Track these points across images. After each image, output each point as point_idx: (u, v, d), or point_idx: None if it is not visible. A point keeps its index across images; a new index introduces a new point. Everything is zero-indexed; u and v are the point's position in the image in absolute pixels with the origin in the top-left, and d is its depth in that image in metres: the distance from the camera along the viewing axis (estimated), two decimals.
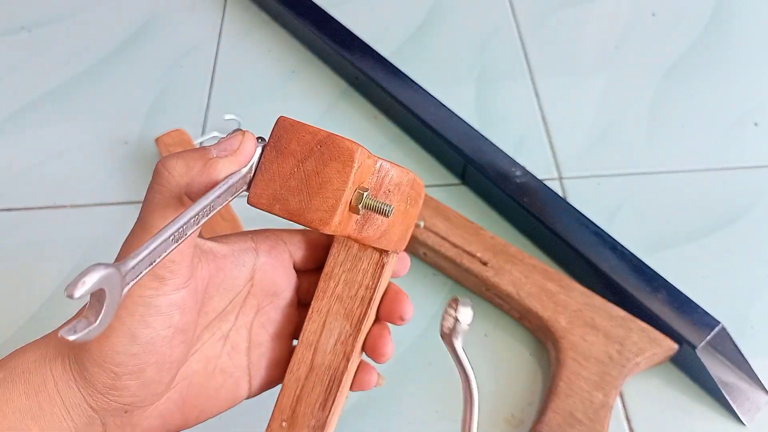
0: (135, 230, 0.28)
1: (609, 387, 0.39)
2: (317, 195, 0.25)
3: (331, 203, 0.25)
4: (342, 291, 0.31)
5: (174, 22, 0.66)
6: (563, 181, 0.53)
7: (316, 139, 0.26)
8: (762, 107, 0.58)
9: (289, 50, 0.63)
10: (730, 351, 0.42)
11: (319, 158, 0.26)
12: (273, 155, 0.26)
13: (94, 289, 0.20)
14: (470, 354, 0.43)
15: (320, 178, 0.26)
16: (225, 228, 0.46)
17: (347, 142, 0.26)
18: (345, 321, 0.30)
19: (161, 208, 0.27)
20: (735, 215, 0.50)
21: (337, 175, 0.25)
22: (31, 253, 0.48)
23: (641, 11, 0.67)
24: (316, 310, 0.31)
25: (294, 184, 0.26)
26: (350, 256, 0.31)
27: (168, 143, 0.51)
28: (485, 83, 0.60)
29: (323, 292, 0.31)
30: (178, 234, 0.24)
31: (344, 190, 0.25)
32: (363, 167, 0.26)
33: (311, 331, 0.31)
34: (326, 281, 0.31)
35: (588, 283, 0.45)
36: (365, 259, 0.31)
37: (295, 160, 0.26)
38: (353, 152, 0.26)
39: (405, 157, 0.54)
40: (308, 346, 0.30)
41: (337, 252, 0.31)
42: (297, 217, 0.26)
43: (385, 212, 0.26)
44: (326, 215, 0.25)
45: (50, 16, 0.66)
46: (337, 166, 0.25)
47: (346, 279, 0.31)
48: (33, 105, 0.58)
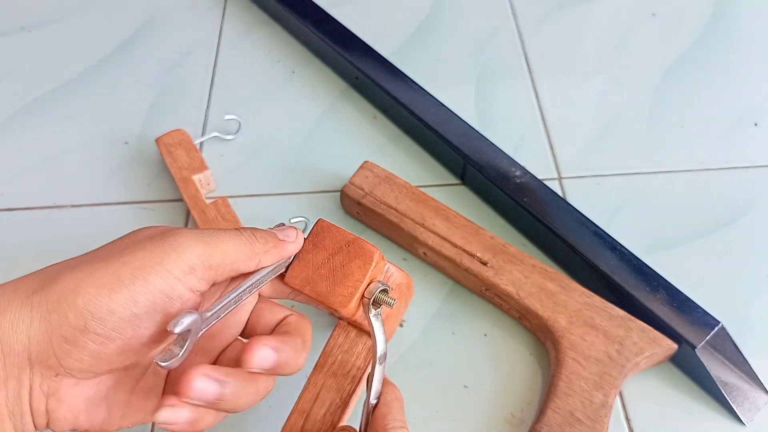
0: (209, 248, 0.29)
1: (609, 387, 0.39)
2: (341, 283, 0.32)
3: (350, 291, 0.32)
4: (337, 369, 0.36)
5: (174, 22, 0.66)
6: (563, 181, 0.53)
7: (346, 239, 0.33)
8: (762, 107, 0.58)
9: (289, 50, 0.63)
10: (729, 351, 0.42)
11: (346, 255, 0.33)
12: (310, 247, 0.33)
13: (187, 329, 0.26)
14: (470, 354, 0.43)
15: (345, 270, 0.32)
16: (225, 227, 0.46)
17: (369, 245, 0.33)
18: (336, 395, 0.35)
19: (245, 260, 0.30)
20: (735, 215, 0.51)
21: (358, 270, 0.32)
22: (31, 253, 0.48)
23: (641, 11, 0.67)
24: (312, 382, 0.36)
25: (323, 272, 0.32)
26: (348, 340, 0.37)
27: (168, 143, 0.51)
28: (485, 83, 0.60)
29: (321, 367, 0.36)
30: (238, 298, 0.30)
31: (362, 282, 0.32)
32: (378, 266, 0.33)
33: (306, 400, 0.35)
34: (324, 358, 0.36)
35: (588, 282, 0.45)
36: (360, 344, 0.37)
37: (327, 254, 0.33)
38: (373, 253, 0.33)
39: (405, 157, 0.54)
40: (301, 413, 0.35)
41: (338, 335, 0.37)
42: (322, 298, 0.32)
43: (390, 304, 0.32)
44: (346, 300, 0.32)
45: (50, 16, 0.66)
46: (359, 262, 0.32)
47: (342, 359, 0.37)
48: (33, 105, 0.58)
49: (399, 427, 0.31)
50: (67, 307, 0.26)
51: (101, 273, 0.26)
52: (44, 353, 0.26)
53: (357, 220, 0.50)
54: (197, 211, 0.47)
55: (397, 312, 0.37)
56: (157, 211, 0.51)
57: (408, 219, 0.46)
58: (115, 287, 0.26)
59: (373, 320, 0.32)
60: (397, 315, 0.38)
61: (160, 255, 0.27)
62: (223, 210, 0.48)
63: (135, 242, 0.28)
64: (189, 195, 0.48)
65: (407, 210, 0.47)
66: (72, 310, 0.26)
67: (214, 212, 0.47)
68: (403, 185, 0.48)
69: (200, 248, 0.28)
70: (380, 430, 0.31)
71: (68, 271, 0.27)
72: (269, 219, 0.50)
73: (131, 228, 0.50)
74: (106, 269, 0.27)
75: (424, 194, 0.48)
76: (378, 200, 0.47)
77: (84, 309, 0.26)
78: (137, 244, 0.28)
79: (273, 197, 0.52)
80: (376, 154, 0.54)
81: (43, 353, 0.26)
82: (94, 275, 0.26)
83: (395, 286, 0.36)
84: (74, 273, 0.27)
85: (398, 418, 0.32)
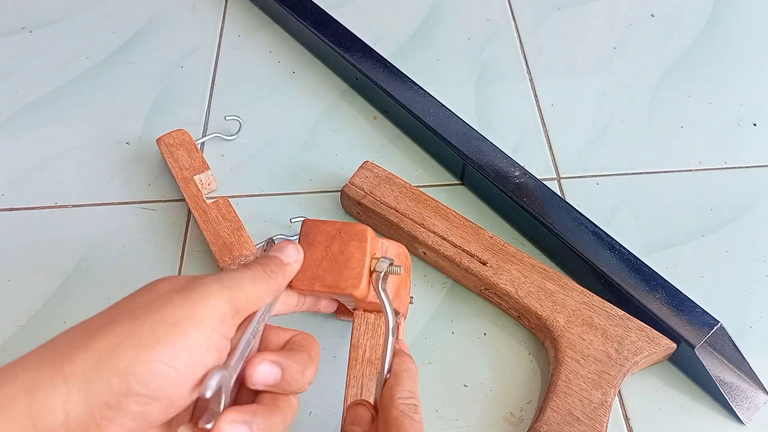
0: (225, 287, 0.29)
1: (607, 386, 0.39)
2: (345, 268, 0.33)
3: (357, 271, 0.33)
4: (370, 355, 0.37)
5: (175, 22, 0.66)
6: (562, 181, 0.53)
7: (335, 228, 0.34)
8: (761, 107, 0.58)
9: (290, 51, 0.63)
10: (728, 350, 0.42)
11: (341, 241, 0.34)
12: (305, 247, 0.34)
13: (217, 387, 0.26)
14: (470, 353, 0.43)
15: (345, 255, 0.33)
16: (226, 227, 0.46)
17: (359, 225, 0.34)
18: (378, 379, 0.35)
19: (264, 297, 0.31)
20: (734, 215, 0.51)
21: (357, 250, 0.33)
22: (31, 253, 0.48)
23: (640, 12, 0.67)
24: (353, 377, 0.36)
25: (326, 265, 0.33)
26: (369, 325, 0.38)
27: (169, 143, 0.52)
28: (484, 84, 0.60)
29: (354, 360, 0.37)
30: (255, 331, 0.30)
31: (365, 260, 0.33)
32: (373, 242, 0.34)
33: (353, 395, 0.35)
34: (355, 350, 0.37)
35: (586, 282, 0.45)
36: (382, 324, 0.38)
37: (323, 247, 0.34)
38: (366, 231, 0.34)
39: (405, 158, 0.55)
40: None
41: (359, 324, 0.38)
42: (333, 288, 0.33)
43: (397, 273, 0.33)
44: (356, 281, 0.33)
45: (51, 16, 0.66)
46: (355, 243, 0.33)
47: (372, 344, 0.37)
48: (34, 105, 0.58)
49: (407, 397, 0.31)
50: (109, 373, 0.24)
51: (138, 333, 0.25)
52: (84, 425, 0.24)
53: (357, 220, 0.50)
54: (198, 211, 0.48)
55: (405, 281, 0.38)
56: (157, 211, 0.51)
57: (408, 219, 0.46)
58: (155, 346, 0.25)
59: (382, 294, 0.33)
60: (405, 285, 0.39)
61: (192, 308, 0.27)
62: (224, 210, 0.48)
63: (160, 296, 0.27)
64: (190, 195, 0.49)
65: (407, 210, 0.47)
66: (114, 374, 0.24)
67: (215, 212, 0.47)
68: (403, 185, 0.48)
69: (227, 295, 0.28)
70: (388, 402, 0.31)
71: (99, 334, 0.25)
72: (269, 219, 0.50)
73: (131, 228, 0.50)
74: (141, 328, 0.25)
75: (423, 194, 0.48)
76: (378, 200, 0.48)
77: (126, 372, 0.24)
78: (163, 298, 0.27)
79: (273, 197, 0.52)
80: (376, 154, 0.55)
81: (83, 425, 0.24)
82: (132, 335, 0.25)
83: (395, 257, 0.37)
84: (107, 335, 0.25)
85: (407, 388, 0.31)
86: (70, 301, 0.46)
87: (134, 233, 0.49)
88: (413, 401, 0.31)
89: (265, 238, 0.47)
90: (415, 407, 0.31)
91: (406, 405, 0.31)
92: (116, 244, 0.49)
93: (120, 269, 0.47)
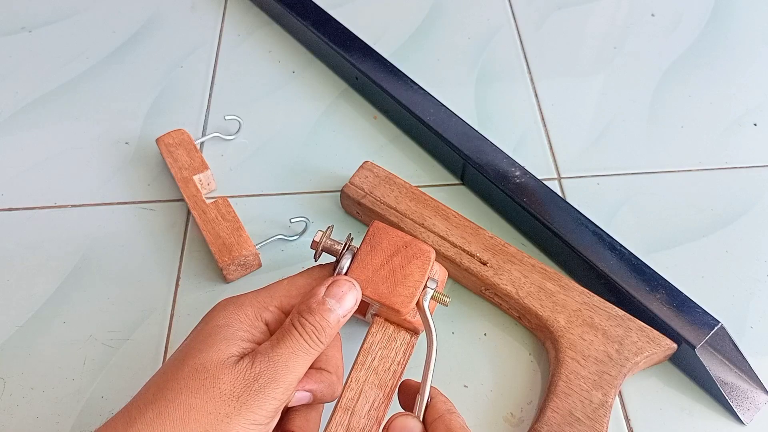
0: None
1: (608, 386, 0.39)
2: (402, 284, 0.33)
3: (411, 291, 0.33)
4: (378, 364, 0.36)
5: (174, 22, 0.66)
6: (562, 181, 0.53)
7: (403, 241, 0.34)
8: (761, 107, 0.58)
9: (289, 51, 0.63)
10: (729, 350, 0.42)
11: (405, 256, 0.34)
12: (368, 249, 0.34)
13: None
14: (470, 353, 0.43)
15: (404, 271, 0.33)
16: (226, 227, 0.46)
17: (426, 245, 0.34)
18: (379, 390, 0.35)
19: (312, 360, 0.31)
20: (734, 215, 0.51)
21: (417, 270, 0.33)
22: (31, 253, 0.48)
23: (640, 11, 0.67)
24: (354, 380, 0.36)
25: (384, 274, 0.33)
26: (386, 336, 0.37)
27: (169, 143, 0.52)
28: (485, 83, 0.60)
29: (361, 365, 0.36)
30: None
31: (422, 281, 0.33)
32: (432, 266, 0.34)
33: (349, 398, 0.35)
34: (364, 356, 0.37)
35: (587, 282, 0.45)
36: (399, 339, 0.37)
37: (386, 255, 0.34)
38: (431, 253, 0.34)
39: (405, 157, 0.54)
40: (346, 410, 0.35)
41: (375, 331, 0.37)
42: (383, 299, 0.33)
43: (446, 303, 0.34)
44: (407, 300, 0.33)
45: (50, 16, 0.66)
46: (418, 263, 0.33)
47: (382, 355, 0.37)
48: (33, 105, 0.58)
49: (458, 411, 0.32)
50: None
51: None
52: None
53: (357, 220, 0.50)
54: (198, 211, 0.48)
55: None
56: (157, 211, 0.51)
57: (408, 219, 0.46)
58: None
59: (429, 318, 0.33)
60: (434, 308, 0.39)
61: (252, 415, 0.28)
62: (224, 210, 0.48)
63: (221, 398, 0.28)
64: (189, 195, 0.49)
65: (407, 210, 0.47)
66: None
67: (214, 212, 0.47)
68: (403, 185, 0.48)
69: (281, 392, 0.29)
70: (446, 413, 0.31)
71: None
72: (269, 219, 0.50)
73: (130, 228, 0.50)
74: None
75: (424, 194, 0.48)
76: (378, 200, 0.47)
77: None
78: (226, 402, 0.28)
79: (273, 197, 0.52)
80: (376, 154, 0.54)
81: None
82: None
83: (439, 282, 0.37)
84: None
85: (451, 405, 0.32)
86: (70, 301, 0.46)
87: (134, 233, 0.49)
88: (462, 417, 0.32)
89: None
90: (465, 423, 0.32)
91: (462, 419, 0.31)
92: (116, 244, 0.49)
93: (120, 269, 0.47)
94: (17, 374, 0.42)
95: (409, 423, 0.31)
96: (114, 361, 0.43)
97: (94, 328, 0.44)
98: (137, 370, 0.42)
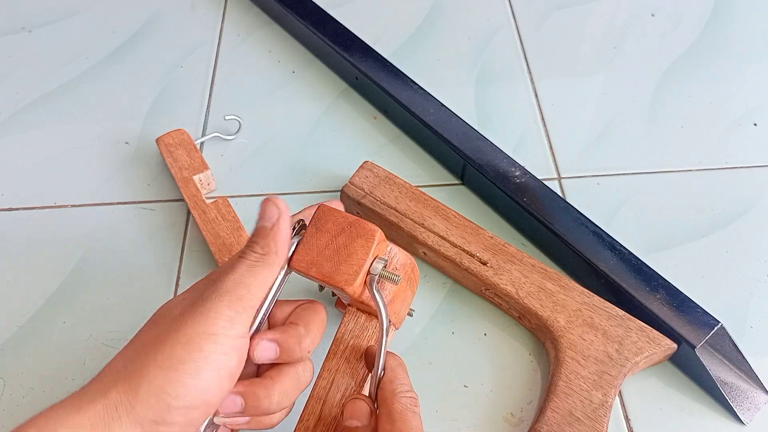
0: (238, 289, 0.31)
1: (608, 386, 0.39)
2: (345, 262, 0.33)
3: (355, 269, 0.33)
4: (350, 354, 0.37)
5: (174, 22, 0.66)
6: (562, 181, 0.53)
7: (348, 221, 0.34)
8: (761, 107, 0.58)
9: (290, 51, 0.63)
10: (729, 350, 0.42)
11: (349, 235, 0.34)
12: (313, 231, 0.34)
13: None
14: (470, 353, 0.43)
15: (348, 250, 0.33)
16: (225, 227, 0.46)
17: (370, 224, 0.34)
18: (350, 379, 0.36)
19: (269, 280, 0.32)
20: (734, 215, 0.51)
21: (361, 249, 0.33)
22: (31, 253, 0.48)
23: (640, 11, 0.67)
24: (327, 369, 0.36)
25: (328, 254, 0.33)
26: (358, 325, 0.38)
27: (169, 143, 0.52)
28: (485, 83, 0.60)
29: (334, 354, 0.37)
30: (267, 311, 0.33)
31: (366, 260, 0.33)
32: (380, 245, 0.34)
33: (321, 387, 0.36)
34: (337, 345, 0.37)
35: (587, 282, 0.45)
36: (371, 328, 0.38)
37: (330, 236, 0.34)
38: (374, 232, 0.34)
39: (405, 157, 0.54)
40: (318, 399, 0.35)
41: (348, 321, 0.38)
42: (328, 278, 0.33)
43: (394, 281, 0.33)
44: (351, 278, 0.33)
45: (51, 16, 0.66)
46: (362, 241, 0.33)
47: (354, 344, 0.37)
48: (34, 105, 0.58)
49: (407, 391, 0.33)
50: (147, 396, 0.27)
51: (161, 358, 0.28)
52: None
53: None
54: (198, 211, 0.48)
55: (403, 294, 0.38)
56: (157, 211, 0.51)
57: (408, 219, 0.46)
58: (178, 366, 0.28)
59: (377, 295, 0.33)
60: (403, 297, 0.38)
61: (198, 325, 0.29)
62: (224, 210, 0.48)
63: (173, 321, 0.29)
64: (189, 195, 0.49)
65: (407, 210, 0.47)
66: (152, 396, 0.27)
67: (214, 212, 0.47)
68: (403, 185, 0.48)
69: (226, 300, 0.29)
70: (389, 395, 0.32)
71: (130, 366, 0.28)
72: None
73: (130, 228, 0.50)
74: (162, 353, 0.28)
75: (424, 194, 0.48)
76: (378, 200, 0.47)
77: (161, 392, 0.27)
78: (177, 322, 0.29)
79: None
80: (376, 154, 0.54)
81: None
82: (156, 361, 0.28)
83: (399, 267, 0.37)
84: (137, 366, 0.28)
85: (404, 382, 0.33)
86: (70, 301, 0.46)
87: (134, 233, 0.49)
88: (412, 395, 0.33)
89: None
90: (415, 401, 0.33)
91: (408, 398, 0.32)
92: (116, 244, 0.49)
93: (119, 269, 0.47)
94: (17, 374, 0.42)
95: (357, 405, 0.33)
96: None
97: (94, 327, 0.44)
98: None
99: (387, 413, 0.32)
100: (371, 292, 0.33)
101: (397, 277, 0.33)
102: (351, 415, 0.33)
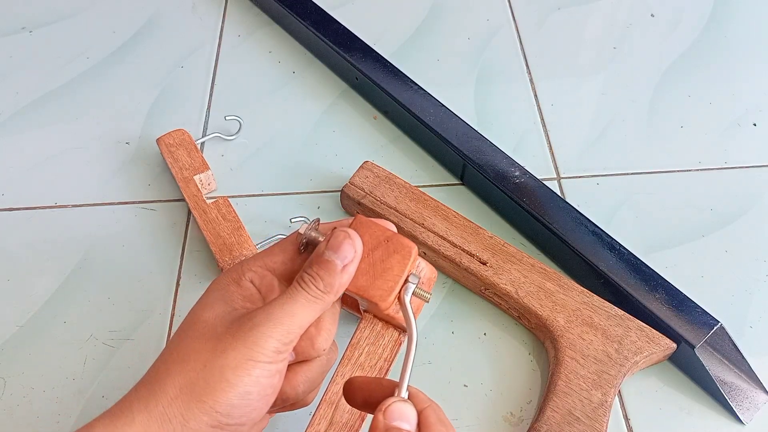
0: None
1: (607, 386, 0.39)
2: (381, 277, 0.33)
3: (390, 285, 0.33)
4: (364, 360, 0.37)
5: (175, 22, 0.66)
6: (562, 181, 0.53)
7: (385, 235, 0.34)
8: (761, 107, 0.58)
9: (290, 51, 0.63)
10: (728, 350, 0.42)
11: (386, 250, 0.34)
12: None
13: None
14: (470, 353, 0.43)
15: (384, 265, 0.33)
16: (226, 227, 0.46)
17: (407, 240, 0.34)
18: None
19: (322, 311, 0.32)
20: (734, 215, 0.51)
21: (397, 265, 0.33)
22: (31, 253, 0.48)
23: (640, 12, 0.67)
24: (340, 374, 0.36)
25: (363, 267, 0.33)
26: (374, 333, 0.37)
27: (169, 143, 0.52)
28: (484, 84, 0.60)
29: (348, 359, 0.36)
30: None
31: (402, 276, 0.33)
32: (414, 262, 0.34)
33: (334, 392, 0.35)
34: (351, 350, 0.37)
35: (586, 282, 0.45)
36: (387, 336, 0.37)
37: (367, 249, 0.33)
38: (411, 248, 0.34)
39: (405, 157, 0.55)
40: (330, 404, 0.35)
41: (364, 327, 0.38)
42: (363, 291, 0.33)
43: (426, 299, 0.34)
44: (386, 294, 0.33)
45: (51, 16, 0.66)
46: (398, 258, 0.33)
47: (369, 351, 0.37)
48: (34, 105, 0.58)
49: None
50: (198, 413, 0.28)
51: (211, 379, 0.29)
52: None
53: None
54: (198, 211, 0.48)
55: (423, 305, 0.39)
56: (158, 211, 0.51)
57: (408, 219, 0.46)
58: (228, 389, 0.29)
59: (409, 311, 0.33)
60: (421, 307, 0.39)
61: (249, 352, 0.29)
62: (224, 210, 0.48)
63: (218, 339, 0.30)
64: (190, 195, 0.49)
65: (407, 210, 0.47)
66: (203, 413, 0.28)
67: (215, 212, 0.47)
68: (402, 185, 0.48)
69: (279, 332, 0.30)
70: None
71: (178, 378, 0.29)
72: (269, 219, 0.50)
73: (131, 228, 0.50)
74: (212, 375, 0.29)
75: (423, 194, 0.48)
76: (378, 200, 0.48)
77: (212, 410, 0.29)
78: (223, 341, 0.29)
79: (273, 197, 0.52)
80: (376, 154, 0.55)
81: None
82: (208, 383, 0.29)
83: (425, 281, 0.37)
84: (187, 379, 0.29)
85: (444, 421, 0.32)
86: (70, 301, 0.46)
87: (134, 233, 0.49)
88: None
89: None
90: None
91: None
92: (116, 244, 0.49)
93: (120, 269, 0.47)
94: (17, 374, 0.42)
95: (407, 409, 0.31)
96: (115, 361, 0.43)
97: (94, 327, 0.44)
98: (138, 369, 0.42)
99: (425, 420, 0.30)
100: (403, 309, 0.33)
101: (429, 295, 0.34)
102: (400, 417, 0.31)
